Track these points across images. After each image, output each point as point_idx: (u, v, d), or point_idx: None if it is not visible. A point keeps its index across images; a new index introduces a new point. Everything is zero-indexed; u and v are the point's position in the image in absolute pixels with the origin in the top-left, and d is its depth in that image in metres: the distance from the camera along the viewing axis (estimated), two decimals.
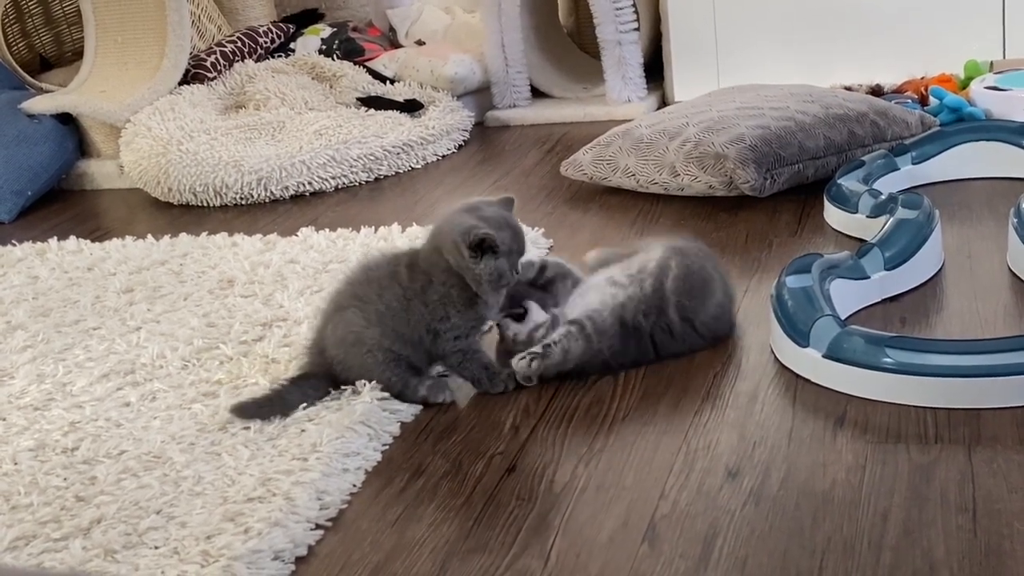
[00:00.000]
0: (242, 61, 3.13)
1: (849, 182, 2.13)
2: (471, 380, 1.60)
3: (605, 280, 1.67)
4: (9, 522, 1.38)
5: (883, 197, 1.99)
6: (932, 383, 1.44)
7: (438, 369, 1.64)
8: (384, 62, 3.19)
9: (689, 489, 1.32)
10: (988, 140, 2.27)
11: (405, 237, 2.22)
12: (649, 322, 1.62)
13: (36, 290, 2.18)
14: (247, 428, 1.54)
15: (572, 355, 1.57)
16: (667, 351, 1.63)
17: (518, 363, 1.57)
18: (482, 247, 1.53)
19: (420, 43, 3.40)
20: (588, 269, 1.74)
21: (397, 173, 2.78)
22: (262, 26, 3.25)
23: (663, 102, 3.08)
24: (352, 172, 2.72)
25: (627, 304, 1.62)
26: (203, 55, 3.06)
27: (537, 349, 1.57)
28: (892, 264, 1.76)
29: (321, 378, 1.61)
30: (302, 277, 2.08)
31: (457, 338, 1.58)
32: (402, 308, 1.58)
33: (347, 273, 1.66)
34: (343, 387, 1.60)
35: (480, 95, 3.17)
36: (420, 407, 1.58)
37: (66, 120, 2.97)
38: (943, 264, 1.86)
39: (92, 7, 3.08)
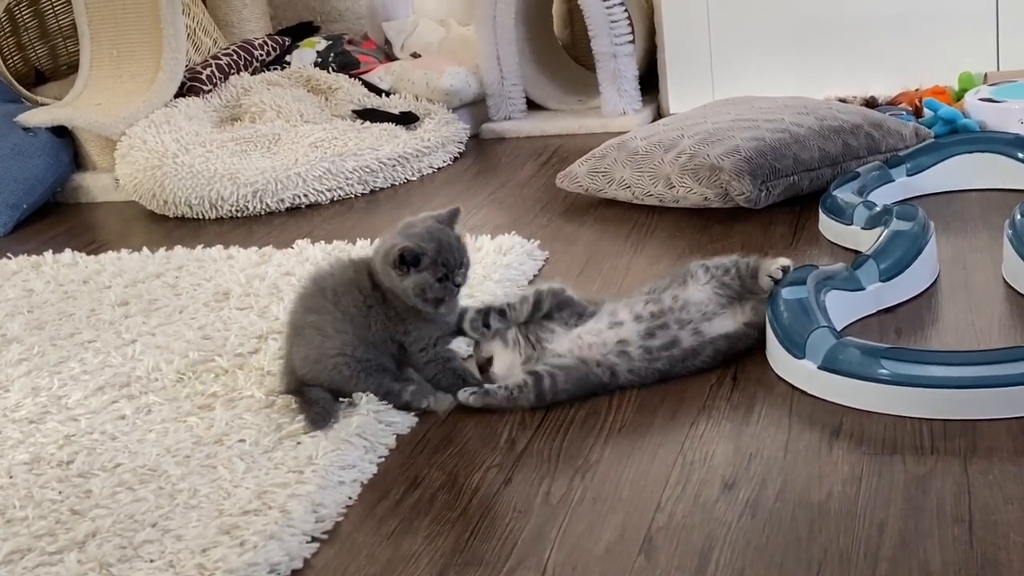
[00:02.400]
0: (238, 74, 3.13)
1: (844, 194, 2.13)
2: (446, 390, 1.59)
3: (608, 316, 1.62)
4: (4, 536, 1.37)
5: (878, 209, 1.99)
6: (928, 394, 1.44)
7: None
8: (380, 75, 3.20)
9: (685, 501, 1.32)
10: (983, 152, 2.27)
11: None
12: (679, 365, 1.60)
13: (31, 303, 2.17)
14: (242, 441, 1.54)
15: (519, 404, 1.56)
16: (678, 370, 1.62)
17: (461, 393, 1.57)
18: (403, 261, 1.54)
19: (416, 56, 3.41)
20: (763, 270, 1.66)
21: (393, 185, 2.78)
22: (258, 39, 3.26)
23: (658, 114, 3.09)
24: (348, 184, 2.72)
25: (629, 352, 1.59)
26: (199, 68, 3.07)
27: (490, 387, 1.57)
28: (887, 276, 1.76)
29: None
30: (297, 290, 2.07)
31: (423, 350, 1.59)
32: (362, 314, 1.58)
33: (300, 289, 1.66)
34: (341, 400, 1.60)
35: (475, 107, 3.18)
36: (416, 419, 1.58)
37: (61, 133, 2.98)
38: (938, 276, 1.86)
39: (87, 20, 3.09)
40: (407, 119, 2.95)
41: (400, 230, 1.60)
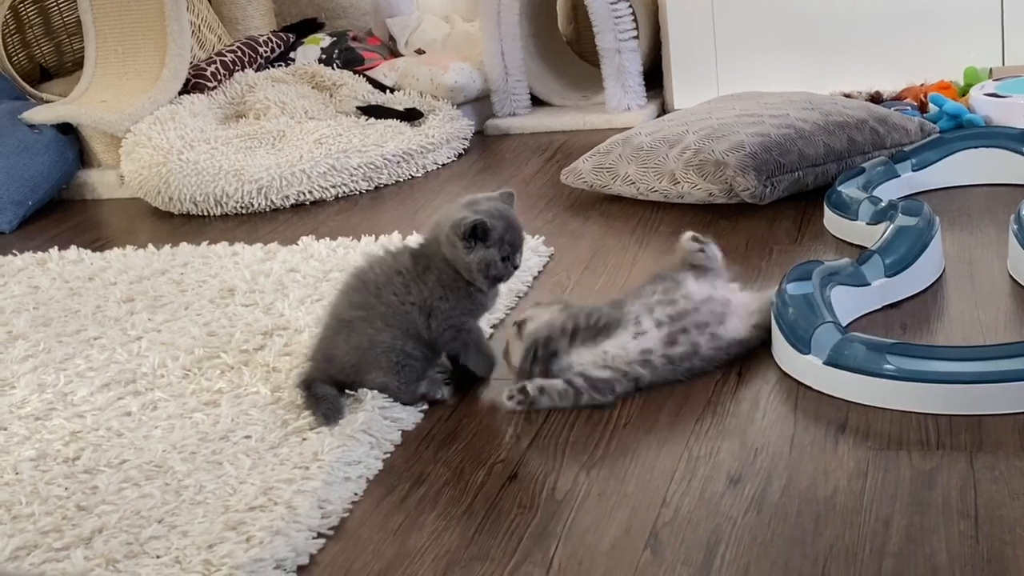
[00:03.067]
0: (242, 71, 3.13)
1: (849, 189, 2.13)
2: (463, 359, 1.62)
3: (633, 325, 1.60)
4: (10, 532, 1.38)
5: (883, 204, 1.99)
6: (933, 389, 1.44)
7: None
8: (384, 71, 3.20)
9: (691, 496, 1.32)
10: (988, 147, 2.27)
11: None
12: (696, 368, 1.60)
13: (37, 300, 2.18)
14: (248, 437, 1.54)
15: (559, 406, 1.56)
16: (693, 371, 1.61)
17: (502, 396, 1.57)
18: (474, 234, 1.55)
19: (420, 52, 3.41)
20: (680, 251, 1.70)
21: (397, 182, 2.78)
22: (262, 36, 3.26)
23: (663, 110, 3.09)
24: (352, 181, 2.72)
25: (652, 360, 1.58)
26: (203, 65, 3.07)
27: (530, 389, 1.55)
28: (893, 271, 1.76)
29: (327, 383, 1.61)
30: (303, 286, 2.08)
31: (449, 319, 1.60)
32: (400, 299, 1.59)
33: (343, 283, 1.66)
34: (347, 394, 1.60)
35: (480, 103, 3.18)
36: (421, 415, 1.58)
37: (66, 130, 2.98)
38: (944, 271, 1.86)
39: (92, 17, 3.09)
40: (411, 115, 2.95)
41: (466, 204, 1.61)
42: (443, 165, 2.88)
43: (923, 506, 1.25)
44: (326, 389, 1.58)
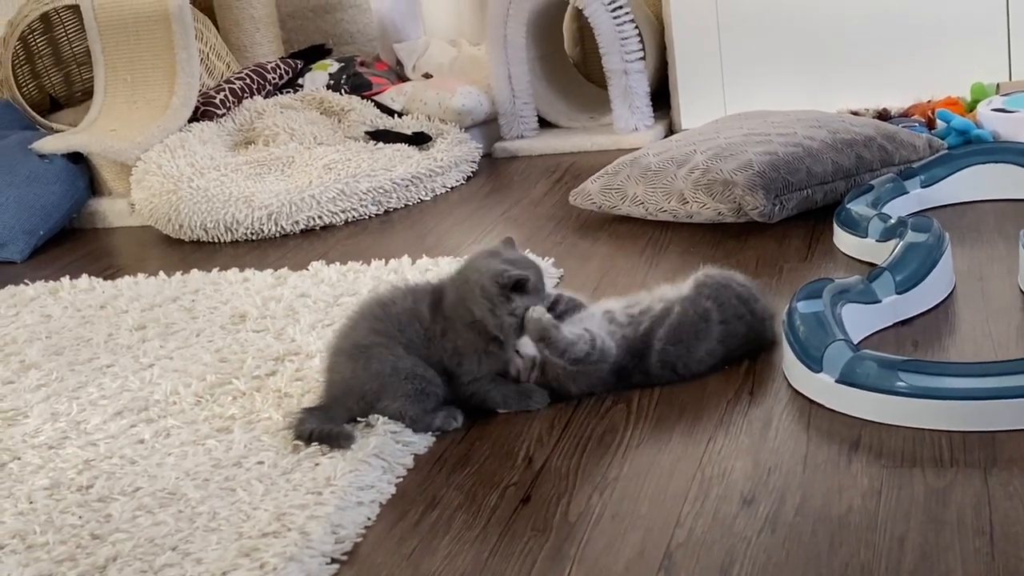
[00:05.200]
0: (251, 97, 3.14)
1: (858, 206, 2.13)
2: (501, 405, 1.61)
3: (603, 315, 1.68)
4: (25, 561, 1.38)
5: (892, 221, 1.99)
6: (946, 406, 1.43)
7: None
8: (392, 96, 3.21)
9: (705, 517, 1.32)
10: (996, 162, 2.27)
11: (415, 269, 2.23)
12: (631, 364, 1.63)
13: (49, 329, 2.19)
14: (261, 463, 1.54)
15: (575, 347, 1.57)
16: (638, 385, 1.65)
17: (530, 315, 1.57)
18: (517, 288, 1.55)
19: (427, 76, 3.42)
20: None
21: (406, 205, 2.79)
22: (270, 62, 3.28)
23: (670, 130, 3.09)
24: (362, 205, 2.73)
25: (620, 344, 1.63)
26: (212, 92, 3.08)
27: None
28: (903, 288, 1.76)
29: (337, 410, 1.61)
30: (313, 311, 2.08)
31: (471, 382, 1.60)
32: (423, 345, 1.59)
33: (360, 309, 1.65)
34: (359, 420, 1.60)
35: (488, 126, 3.19)
36: (433, 439, 1.58)
37: (77, 159, 3.00)
38: (954, 287, 1.85)
39: (101, 47, 3.11)
40: (420, 139, 2.96)
41: (491, 257, 1.60)
42: (452, 188, 2.88)
43: (938, 524, 1.24)
44: (329, 420, 1.58)
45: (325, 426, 1.56)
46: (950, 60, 2.86)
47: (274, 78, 3.24)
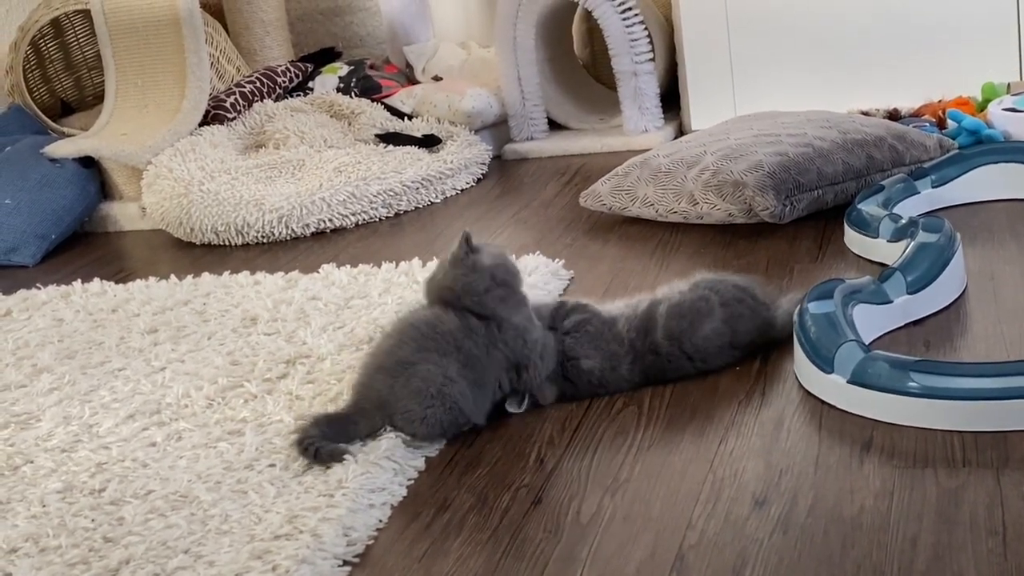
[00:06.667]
0: (261, 101, 3.15)
1: (869, 207, 2.13)
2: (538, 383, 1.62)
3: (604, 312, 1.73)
4: (38, 564, 1.38)
5: (904, 221, 1.98)
6: (958, 406, 1.43)
7: None
8: (402, 98, 3.22)
9: (716, 518, 1.32)
10: (1007, 162, 2.26)
11: (426, 272, 2.22)
12: (638, 340, 1.65)
13: (61, 332, 2.19)
14: (273, 466, 1.54)
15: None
16: (655, 374, 1.65)
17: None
18: (468, 246, 1.59)
19: (437, 79, 3.43)
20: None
21: (417, 208, 2.79)
22: (280, 66, 3.28)
23: (680, 131, 3.09)
24: (372, 208, 2.73)
25: (619, 319, 1.67)
26: (222, 96, 3.09)
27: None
28: (915, 288, 1.75)
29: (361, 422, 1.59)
30: (324, 314, 2.08)
31: (543, 349, 1.62)
32: (485, 352, 1.58)
33: (402, 328, 1.62)
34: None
35: (497, 129, 3.19)
36: (444, 442, 1.58)
37: (88, 163, 3.00)
38: (966, 287, 1.85)
39: (112, 51, 3.12)
40: (430, 142, 2.97)
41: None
42: (462, 190, 2.89)
43: (950, 524, 1.24)
44: (322, 434, 1.56)
45: (326, 445, 1.53)
46: (961, 60, 2.85)
47: (284, 81, 3.25)
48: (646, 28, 3.03)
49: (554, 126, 3.24)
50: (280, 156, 2.91)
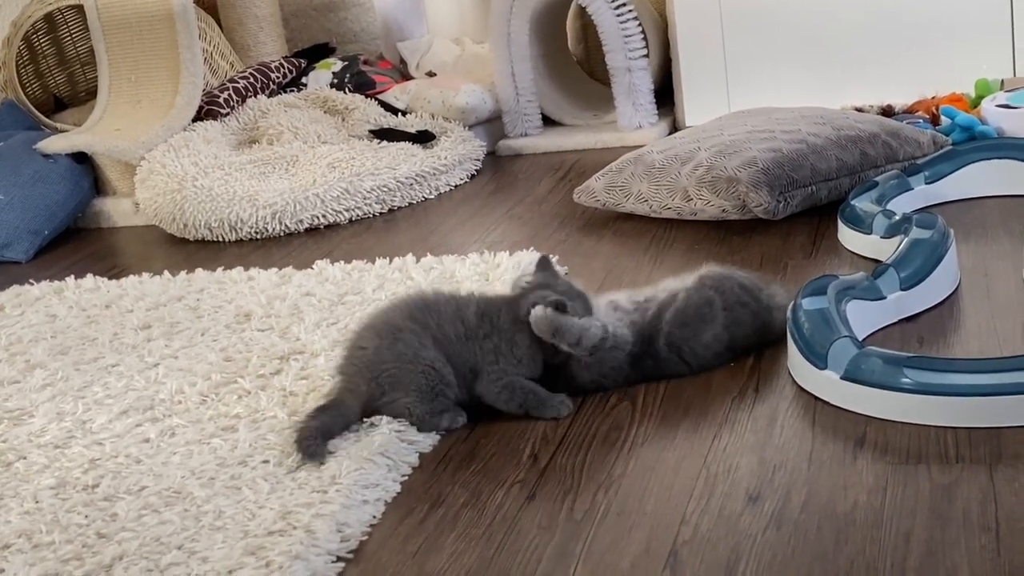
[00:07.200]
0: (255, 96, 3.15)
1: (863, 203, 2.13)
2: (517, 409, 1.60)
3: (607, 304, 1.70)
4: (31, 560, 1.38)
5: (897, 217, 1.99)
6: (952, 402, 1.43)
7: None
8: (396, 94, 3.21)
9: (710, 514, 1.32)
10: (1001, 158, 2.27)
11: (420, 268, 2.23)
12: (641, 349, 1.64)
13: (54, 328, 2.19)
14: (266, 462, 1.54)
15: (589, 335, 1.58)
16: (650, 375, 1.65)
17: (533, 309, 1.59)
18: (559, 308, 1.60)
19: (431, 74, 3.42)
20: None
21: (411, 204, 2.79)
22: (274, 61, 3.28)
23: (674, 127, 3.09)
24: (366, 204, 2.73)
25: (630, 330, 1.65)
26: (216, 91, 3.09)
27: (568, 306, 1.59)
28: (908, 284, 1.75)
29: (348, 406, 1.60)
30: (318, 310, 2.08)
31: (500, 379, 1.60)
32: (459, 342, 1.61)
33: (403, 297, 1.69)
34: (364, 419, 1.60)
35: (492, 124, 3.19)
36: (438, 437, 1.58)
37: (81, 159, 3.00)
38: (959, 283, 1.85)
39: (105, 47, 3.11)
40: (424, 138, 2.96)
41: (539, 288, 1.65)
42: (456, 186, 2.88)
43: (943, 520, 1.24)
44: (320, 423, 1.57)
45: (319, 445, 1.54)
46: (954, 56, 2.85)
47: (278, 77, 3.24)
48: (640, 24, 3.03)
49: (548, 122, 3.24)
50: (274, 152, 2.90)
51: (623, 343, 1.62)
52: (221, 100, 3.07)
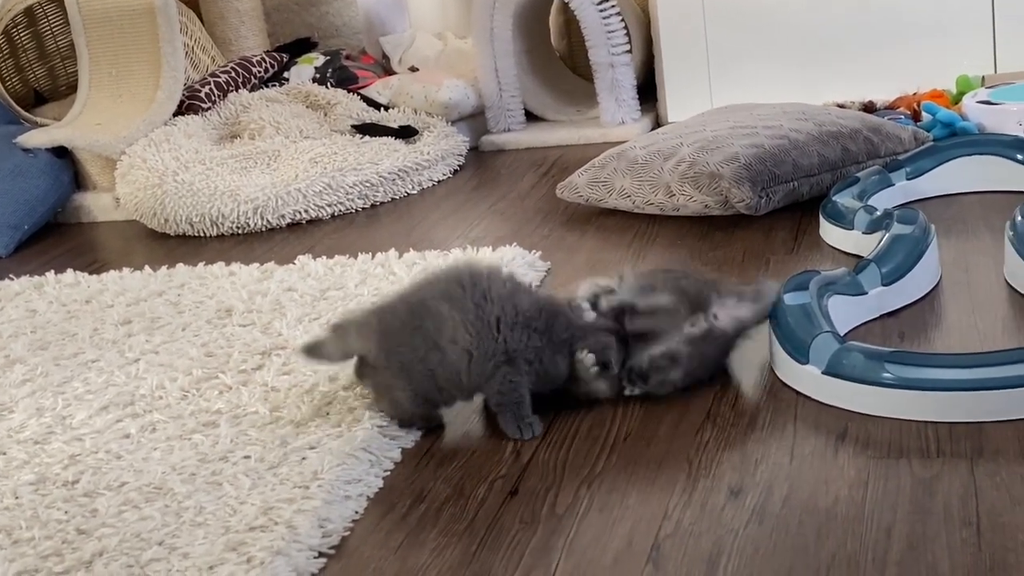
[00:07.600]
0: (236, 91, 3.13)
1: (844, 199, 2.13)
2: (496, 408, 1.56)
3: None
4: (11, 556, 1.37)
5: (878, 213, 1.99)
6: (933, 397, 1.44)
7: None
8: (378, 89, 3.21)
9: (692, 509, 1.32)
10: (981, 154, 2.28)
11: (402, 263, 2.22)
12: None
13: (34, 324, 2.18)
14: (248, 457, 1.54)
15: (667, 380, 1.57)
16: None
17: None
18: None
19: (413, 69, 3.42)
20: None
21: (393, 199, 2.79)
22: (255, 56, 3.27)
23: (657, 123, 3.09)
24: (348, 199, 2.72)
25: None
26: (197, 86, 3.07)
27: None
28: (889, 280, 1.76)
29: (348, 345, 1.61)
30: (300, 305, 2.08)
31: (512, 379, 1.55)
32: (493, 327, 1.54)
33: (451, 267, 1.61)
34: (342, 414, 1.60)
35: (474, 120, 3.18)
36: (420, 434, 1.58)
37: (61, 153, 2.98)
38: (940, 278, 1.86)
39: (85, 41, 3.10)
40: (406, 133, 2.96)
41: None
42: (439, 182, 2.88)
43: (925, 514, 1.25)
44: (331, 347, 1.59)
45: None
46: (936, 53, 2.86)
47: (259, 72, 3.23)
48: (623, 20, 3.03)
49: (531, 117, 3.24)
50: (255, 147, 2.89)
51: (673, 378, 1.58)
52: (202, 95, 3.05)
